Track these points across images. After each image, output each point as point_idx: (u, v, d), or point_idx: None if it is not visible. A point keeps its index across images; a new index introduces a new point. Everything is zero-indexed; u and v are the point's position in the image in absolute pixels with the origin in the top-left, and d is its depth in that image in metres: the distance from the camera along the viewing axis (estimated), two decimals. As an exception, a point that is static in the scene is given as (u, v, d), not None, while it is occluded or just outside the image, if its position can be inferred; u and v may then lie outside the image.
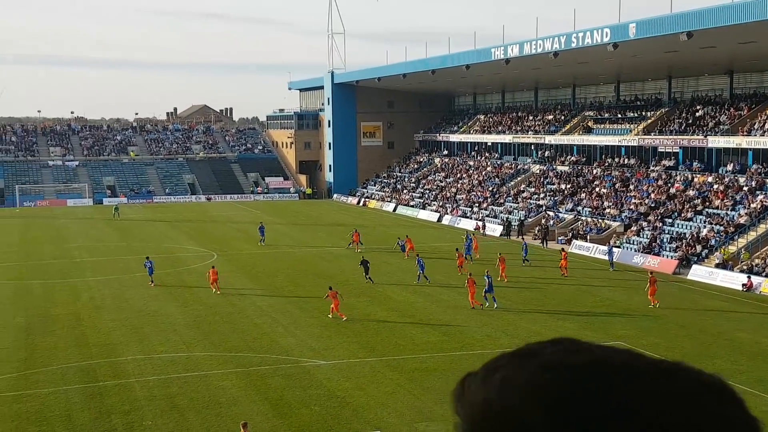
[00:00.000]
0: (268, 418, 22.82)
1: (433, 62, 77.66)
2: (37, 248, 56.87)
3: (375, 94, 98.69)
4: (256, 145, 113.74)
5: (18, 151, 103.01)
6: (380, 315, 35.57)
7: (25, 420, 22.83)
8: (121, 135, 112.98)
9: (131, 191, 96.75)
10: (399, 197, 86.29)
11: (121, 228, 68.59)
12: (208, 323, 34.05)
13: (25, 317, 35.45)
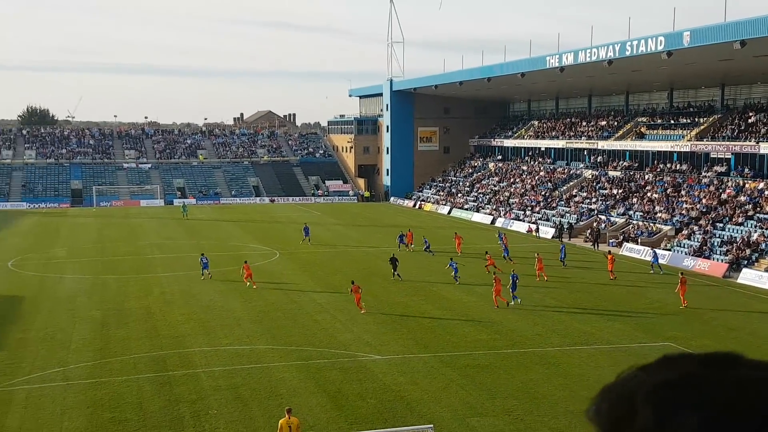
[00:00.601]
0: (326, 410, 22.98)
1: (489, 70, 77.18)
2: (112, 246, 58.17)
3: (432, 100, 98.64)
4: (318, 150, 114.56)
5: (95, 154, 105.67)
6: (434, 313, 35.52)
7: (99, 406, 23.29)
8: (191, 139, 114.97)
9: (200, 193, 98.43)
10: (454, 200, 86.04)
11: (189, 227, 69.87)
12: (270, 318, 34.44)
13: (101, 310, 36.20)
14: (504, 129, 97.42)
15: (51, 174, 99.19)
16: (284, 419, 19.44)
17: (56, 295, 39.75)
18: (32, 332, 32.03)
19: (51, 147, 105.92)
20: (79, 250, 55.58)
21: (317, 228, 68.41)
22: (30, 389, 24.83)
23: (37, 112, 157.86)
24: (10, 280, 44.05)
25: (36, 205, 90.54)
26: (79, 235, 65.16)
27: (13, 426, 21.83)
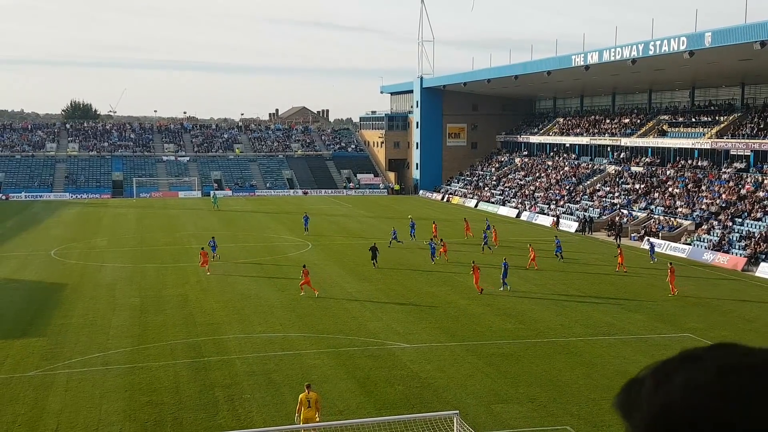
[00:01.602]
0: (355, 395, 22.92)
1: (517, 68, 76.67)
2: (151, 235, 58.64)
3: (461, 97, 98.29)
4: (350, 144, 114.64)
5: (136, 147, 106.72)
6: (460, 303, 35.30)
7: (137, 390, 23.44)
8: (227, 133, 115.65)
9: (236, 185, 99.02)
10: (480, 194, 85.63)
11: (225, 218, 70.24)
12: (302, 307, 34.45)
13: (139, 297, 36.46)
14: (530, 126, 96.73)
15: (93, 166, 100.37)
16: (304, 394, 19.73)
17: (97, 283, 40.08)
18: (74, 318, 32.37)
19: (93, 140, 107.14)
20: (119, 240, 56.10)
21: (348, 220, 68.56)
22: (71, 373, 25.06)
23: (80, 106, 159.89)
24: (53, 269, 44.55)
25: (78, 195, 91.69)
26: (119, 225, 65.78)
27: (54, 408, 22.03)
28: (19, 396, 23.01)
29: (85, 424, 20.86)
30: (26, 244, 54.03)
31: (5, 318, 32.61)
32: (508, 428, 20.51)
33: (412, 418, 19.83)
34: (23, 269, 44.48)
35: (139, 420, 21.06)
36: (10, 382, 24.17)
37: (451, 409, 19.75)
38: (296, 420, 19.76)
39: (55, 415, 21.51)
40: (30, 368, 25.60)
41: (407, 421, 19.68)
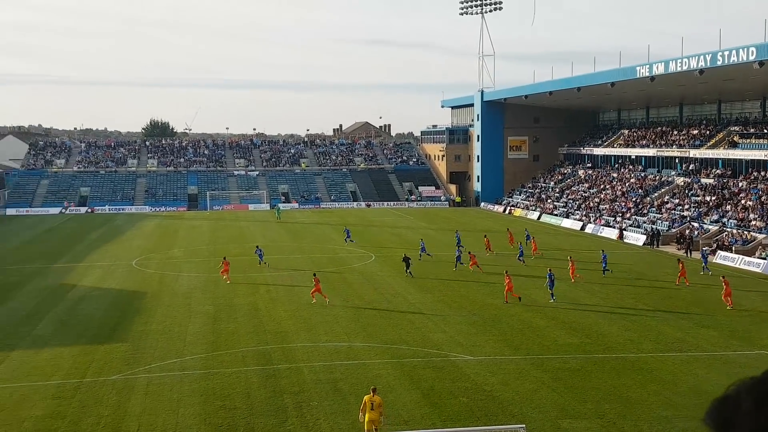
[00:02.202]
0: (419, 406, 22.79)
1: (579, 80, 75.47)
2: (224, 246, 59.53)
3: (522, 110, 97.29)
4: (411, 158, 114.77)
5: (209, 163, 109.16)
6: (524, 316, 34.78)
7: (211, 395, 23.81)
8: (294, 148, 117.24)
9: (302, 197, 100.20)
10: (543, 206, 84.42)
11: (292, 230, 71.10)
12: (366, 317, 34.50)
13: (213, 306, 37.09)
14: (594, 137, 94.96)
15: (170, 181, 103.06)
16: (368, 396, 19.95)
17: (174, 292, 40.99)
18: (153, 325, 33.16)
19: (170, 156, 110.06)
20: (194, 251, 57.30)
21: (409, 232, 68.47)
22: (150, 377, 25.66)
23: (158, 125, 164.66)
24: (134, 278, 45.80)
25: (157, 208, 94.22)
26: (194, 236, 67.21)
27: (135, 411, 22.60)
28: (103, 398, 23.68)
29: (163, 426, 21.33)
30: (110, 255, 55.78)
31: (91, 324, 33.66)
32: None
33: (478, 430, 19.62)
34: (107, 278, 45.87)
35: (214, 424, 21.40)
36: (95, 385, 24.89)
37: (517, 423, 19.45)
38: (360, 419, 20.02)
39: (136, 417, 22.05)
40: (113, 372, 26.33)
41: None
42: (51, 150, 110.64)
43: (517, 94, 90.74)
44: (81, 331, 32.20)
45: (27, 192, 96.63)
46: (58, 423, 21.65)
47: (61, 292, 41.10)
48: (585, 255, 52.05)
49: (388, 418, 20.98)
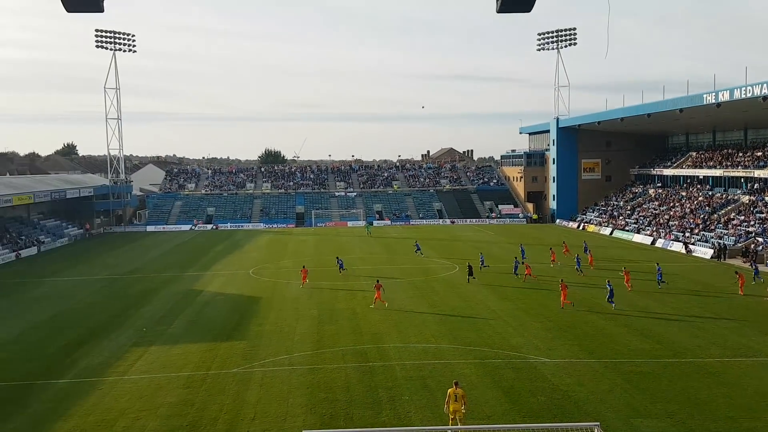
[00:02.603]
0: (500, 403, 22.40)
1: (649, 107, 72.96)
2: (326, 258, 60.50)
3: (594, 135, 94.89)
4: (492, 179, 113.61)
5: (314, 185, 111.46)
6: (598, 323, 33.68)
7: (316, 387, 24.15)
8: (387, 172, 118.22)
9: (393, 215, 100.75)
10: (615, 222, 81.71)
11: (385, 244, 71.49)
12: (451, 321, 34.26)
13: (317, 310, 37.60)
14: (663, 159, 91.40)
15: (281, 201, 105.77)
16: (452, 389, 19.88)
17: (284, 297, 41.79)
18: (266, 326, 33.95)
19: (282, 180, 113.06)
20: (301, 262, 58.32)
21: (490, 246, 67.57)
22: (264, 371, 26.22)
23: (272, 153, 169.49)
24: (251, 285, 47.07)
25: (270, 225, 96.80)
26: (301, 249, 68.43)
27: (252, 400, 23.18)
28: (225, 388, 24.39)
29: (276, 414, 21.78)
30: (231, 265, 57.57)
31: (215, 324, 34.77)
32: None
33: (555, 427, 19.07)
34: (229, 285, 47.28)
35: (318, 413, 21.67)
36: (218, 377, 25.67)
37: (592, 421, 18.81)
38: (445, 410, 19.98)
39: (252, 405, 22.59)
40: (233, 366, 27.07)
41: (551, 429, 18.98)
42: (183, 176, 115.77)
43: (590, 120, 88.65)
44: (207, 330, 33.31)
45: (164, 211, 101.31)
46: (188, 409, 22.44)
47: (190, 297, 42.69)
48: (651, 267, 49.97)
49: (472, 412, 20.72)
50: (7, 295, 45.35)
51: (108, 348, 30.47)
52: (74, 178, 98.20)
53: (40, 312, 39.21)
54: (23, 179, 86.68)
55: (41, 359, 28.94)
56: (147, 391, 24.30)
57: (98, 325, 35.16)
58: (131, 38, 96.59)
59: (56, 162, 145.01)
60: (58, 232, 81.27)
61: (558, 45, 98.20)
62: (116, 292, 45.11)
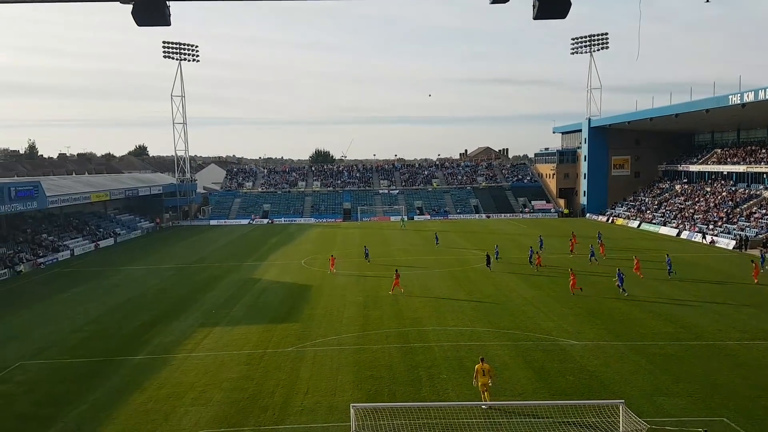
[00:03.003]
0: (531, 382, 22.50)
1: (677, 108, 71.15)
2: (371, 250, 60.68)
3: (625, 134, 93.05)
4: (526, 176, 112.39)
5: (360, 183, 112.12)
6: (624, 308, 33.31)
7: (362, 366, 24.61)
8: (427, 170, 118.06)
9: (433, 210, 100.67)
10: (643, 216, 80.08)
11: (425, 237, 71.52)
12: (485, 307, 34.31)
13: (363, 296, 37.98)
14: (689, 156, 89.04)
15: (330, 198, 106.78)
16: (479, 365, 20.41)
17: (333, 285, 42.26)
18: (317, 310, 34.57)
19: (330, 179, 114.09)
20: (347, 253, 58.89)
21: (523, 238, 67.02)
22: (316, 350, 26.79)
23: (321, 153, 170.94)
24: (303, 274, 47.73)
25: (320, 220, 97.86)
26: (348, 242, 68.93)
27: (305, 376, 23.75)
28: (281, 365, 25.03)
29: (326, 389, 22.32)
30: (285, 256, 58.42)
31: (271, 308, 35.50)
32: (669, 417, 19.13)
33: (582, 403, 19.15)
34: (283, 274, 48.05)
35: (364, 389, 22.10)
36: (275, 355, 26.33)
37: (617, 399, 18.82)
38: (474, 384, 20.53)
39: (305, 381, 23.15)
40: (288, 345, 27.72)
41: (579, 406, 19.06)
42: (242, 175, 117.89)
43: (620, 120, 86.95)
44: (264, 314, 34.10)
45: (225, 207, 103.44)
46: (248, 383, 23.15)
47: (249, 284, 43.64)
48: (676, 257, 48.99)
49: (504, 389, 20.90)
50: (87, 282, 47.19)
51: (177, 328, 31.54)
52: (145, 177, 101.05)
53: (116, 296, 40.72)
54: (100, 178, 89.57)
55: (118, 338, 30.15)
56: (212, 367, 25.10)
57: (168, 308, 36.36)
58: (195, 49, 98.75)
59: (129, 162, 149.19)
60: (132, 225, 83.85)
61: (591, 49, 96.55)
62: (183, 279, 46.43)
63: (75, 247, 65.12)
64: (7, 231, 61.90)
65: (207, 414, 20.37)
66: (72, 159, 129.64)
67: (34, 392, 23.11)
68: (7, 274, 52.06)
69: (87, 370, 25.47)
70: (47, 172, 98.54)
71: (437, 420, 18.65)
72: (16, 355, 27.88)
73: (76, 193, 70.63)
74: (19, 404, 22.00)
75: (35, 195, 60.10)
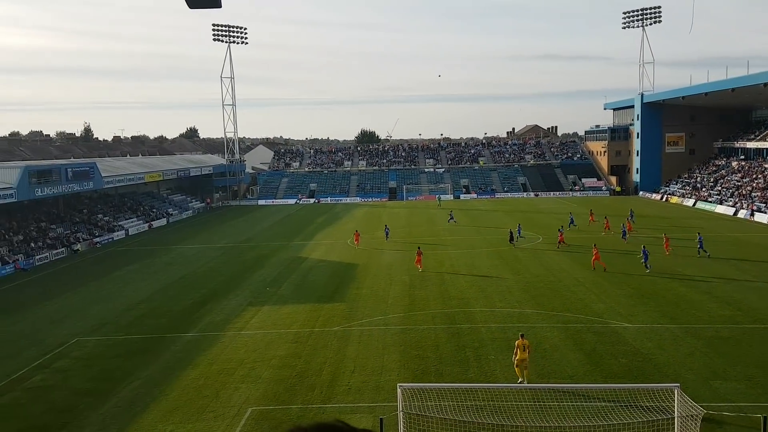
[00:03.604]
0: (582, 364, 21.97)
1: (733, 82, 67.86)
2: (416, 228, 60.78)
3: (679, 110, 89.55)
4: (575, 154, 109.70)
5: (405, 162, 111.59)
6: (679, 290, 32.19)
7: (408, 345, 24.57)
8: (473, 149, 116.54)
9: (479, 189, 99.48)
10: (698, 194, 77.18)
11: (471, 216, 70.78)
12: (534, 288, 33.72)
13: (408, 276, 37.87)
14: (747, 133, 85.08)
15: (375, 177, 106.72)
16: (519, 340, 20.45)
17: (379, 264, 42.31)
18: (363, 290, 34.63)
19: (376, 158, 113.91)
20: (393, 232, 58.83)
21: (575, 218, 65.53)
22: (362, 330, 26.88)
23: (367, 133, 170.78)
24: (349, 253, 47.93)
25: (365, 199, 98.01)
26: (393, 220, 68.63)
27: (351, 354, 23.85)
28: (328, 344, 25.20)
29: (372, 368, 22.34)
30: (331, 235, 58.73)
31: (318, 287, 35.78)
32: (726, 402, 18.38)
33: (636, 387, 18.57)
34: (330, 253, 48.33)
35: (410, 369, 22.03)
36: (322, 334, 26.54)
37: (672, 382, 18.16)
38: (513, 360, 20.68)
39: (352, 359, 23.26)
40: (335, 324, 27.88)
41: (632, 389, 18.49)
42: (289, 156, 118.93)
43: (674, 95, 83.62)
44: (311, 293, 34.39)
45: (272, 187, 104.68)
46: (296, 361, 23.38)
47: (296, 263, 44.06)
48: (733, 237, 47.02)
49: (554, 371, 20.46)
50: (141, 260, 48.52)
51: (227, 306, 32.09)
52: (196, 158, 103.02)
53: (169, 275, 41.73)
54: (153, 159, 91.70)
55: (170, 316, 30.88)
56: (261, 344, 25.46)
57: (218, 287, 37.03)
58: (243, 31, 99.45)
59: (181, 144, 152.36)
60: (184, 205, 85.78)
61: (643, 23, 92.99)
62: (233, 258, 47.22)
63: (129, 227, 67.01)
64: (65, 211, 64.10)
65: (256, 391, 20.64)
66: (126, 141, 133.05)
67: (90, 368, 23.88)
68: (64, 253, 54.03)
69: (140, 346, 26.16)
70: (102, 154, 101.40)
71: (485, 402, 18.38)
72: (73, 331, 28.88)
73: (130, 174, 72.49)
74: (75, 379, 22.77)
75: (91, 176, 61.98)
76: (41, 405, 20.43)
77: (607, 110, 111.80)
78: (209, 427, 18.09)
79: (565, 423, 16.96)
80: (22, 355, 25.56)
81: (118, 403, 20.33)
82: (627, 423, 16.69)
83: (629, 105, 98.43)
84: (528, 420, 17.25)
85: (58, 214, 62.44)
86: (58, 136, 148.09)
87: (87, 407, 20.00)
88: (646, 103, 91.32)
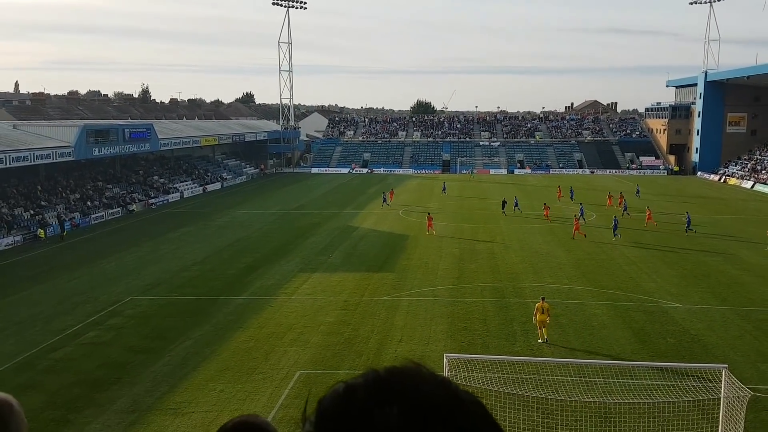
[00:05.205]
0: (630, 343, 21.84)
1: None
2: (469, 202, 60.48)
3: (742, 89, 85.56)
4: (634, 131, 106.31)
5: (460, 135, 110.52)
6: (732, 272, 31.33)
7: (456, 317, 24.80)
8: (530, 123, 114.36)
9: (534, 164, 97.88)
10: (757, 176, 73.94)
11: (525, 191, 69.84)
12: (585, 265, 33.37)
13: (458, 249, 37.90)
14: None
15: (429, 149, 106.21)
16: (539, 303, 21.68)
17: (429, 236, 42.31)
18: (413, 261, 34.88)
19: (430, 129, 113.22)
20: (445, 205, 58.71)
21: (629, 196, 63.97)
22: (410, 300, 27.21)
23: (422, 104, 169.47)
24: (400, 224, 48.14)
25: (419, 171, 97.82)
26: (449, 193, 68.34)
27: (399, 324, 24.25)
28: (376, 313, 25.66)
29: (419, 337, 22.73)
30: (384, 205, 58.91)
31: (369, 257, 36.18)
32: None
33: (683, 366, 18.41)
34: (380, 223, 48.62)
35: (457, 340, 22.32)
36: (370, 303, 26.99)
37: (720, 363, 17.91)
38: (533, 321, 21.93)
39: (399, 329, 23.65)
40: (384, 294, 28.30)
41: (679, 369, 18.33)
42: (344, 124, 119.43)
43: (739, 75, 79.93)
44: (361, 262, 34.88)
45: (326, 156, 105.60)
46: (344, 328, 23.94)
47: (347, 232, 44.62)
48: None
49: (601, 348, 20.41)
50: (195, 223, 50.00)
51: (279, 272, 32.95)
52: (252, 124, 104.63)
53: (222, 239, 42.94)
54: (209, 123, 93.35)
55: (223, 278, 31.89)
56: (310, 310, 26.08)
57: (271, 252, 37.99)
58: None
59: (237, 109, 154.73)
60: (238, 170, 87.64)
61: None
62: (285, 225, 48.21)
63: (184, 190, 68.86)
64: (121, 172, 66.17)
65: (305, 355, 21.28)
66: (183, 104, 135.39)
67: (144, 326, 24.75)
68: (120, 213, 56.08)
69: (193, 307, 27.08)
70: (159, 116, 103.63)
71: (530, 375, 18.56)
72: (127, 289, 30.02)
73: (186, 137, 73.92)
74: (129, 337, 23.63)
75: (148, 137, 63.34)
76: (95, 360, 21.15)
77: (669, 88, 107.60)
78: (258, 387, 18.71)
79: (610, 399, 17.00)
80: (77, 311, 26.42)
81: (170, 361, 20.96)
82: (672, 402, 16.61)
83: (692, 83, 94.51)
84: (572, 395, 17.36)
85: (114, 174, 64.48)
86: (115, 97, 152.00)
87: (139, 364, 20.65)
88: (709, 81, 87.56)
